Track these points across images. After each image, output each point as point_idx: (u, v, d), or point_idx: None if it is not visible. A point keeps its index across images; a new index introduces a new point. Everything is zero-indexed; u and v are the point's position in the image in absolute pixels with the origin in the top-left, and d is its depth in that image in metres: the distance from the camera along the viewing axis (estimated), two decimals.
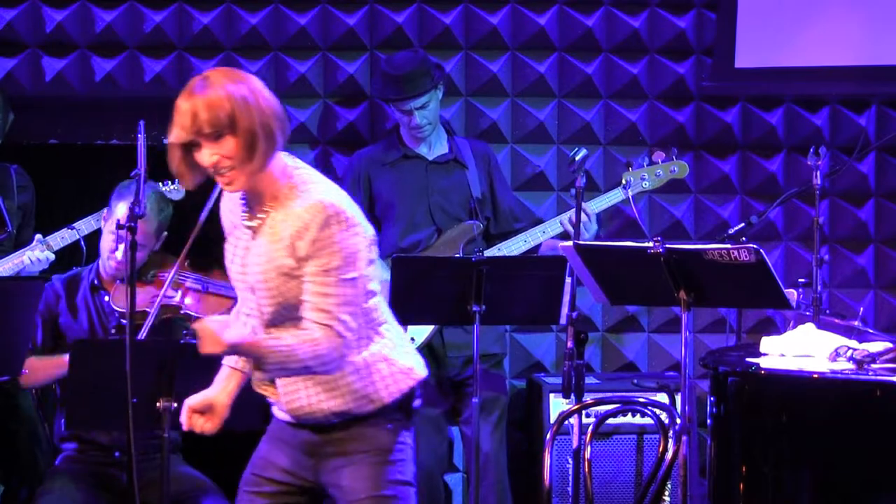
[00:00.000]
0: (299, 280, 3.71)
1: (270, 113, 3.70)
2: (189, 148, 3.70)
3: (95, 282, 5.31)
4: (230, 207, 3.90)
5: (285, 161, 3.78)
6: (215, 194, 4.91)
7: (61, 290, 5.32)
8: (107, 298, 5.25)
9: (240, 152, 3.66)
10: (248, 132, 3.65)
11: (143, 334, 4.85)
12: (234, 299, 5.20)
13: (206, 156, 3.68)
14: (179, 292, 5.24)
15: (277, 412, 3.99)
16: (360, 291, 3.74)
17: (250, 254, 3.78)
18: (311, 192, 3.74)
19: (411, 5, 6.46)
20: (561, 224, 5.81)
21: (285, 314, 3.75)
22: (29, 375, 5.13)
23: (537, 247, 5.88)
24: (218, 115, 3.63)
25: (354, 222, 3.71)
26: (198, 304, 5.26)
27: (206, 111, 3.64)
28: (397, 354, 3.89)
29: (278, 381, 3.86)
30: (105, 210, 5.35)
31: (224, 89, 3.66)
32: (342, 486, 3.86)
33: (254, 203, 3.79)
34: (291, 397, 3.86)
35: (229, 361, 3.99)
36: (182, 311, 5.24)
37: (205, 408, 3.93)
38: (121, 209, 5.16)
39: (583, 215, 5.70)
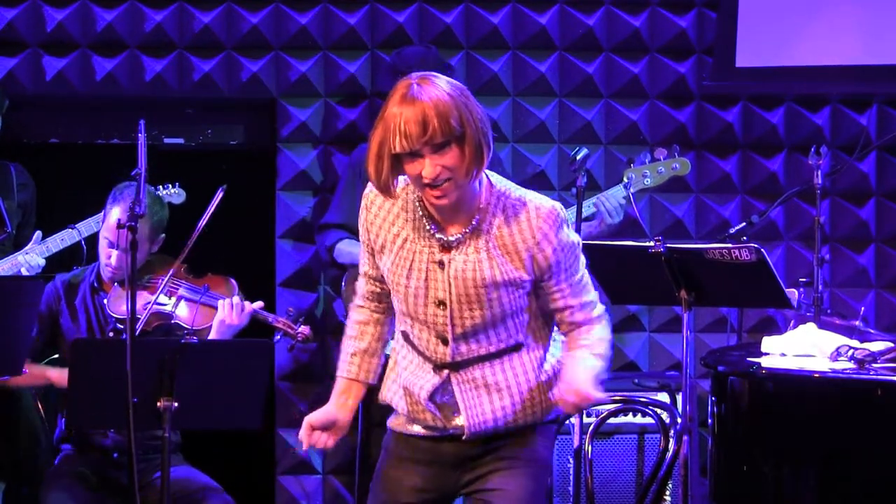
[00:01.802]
0: (520, 288, 3.57)
1: (485, 117, 3.47)
2: (400, 158, 3.45)
3: (95, 283, 5.31)
4: (384, 217, 3.63)
5: (486, 173, 3.56)
6: (215, 202, 4.90)
7: (62, 290, 5.31)
8: (105, 301, 5.24)
9: (463, 163, 3.41)
10: (474, 141, 3.41)
11: None
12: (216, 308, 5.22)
13: (429, 168, 3.41)
14: (172, 300, 5.23)
15: (408, 426, 3.75)
16: None
17: (451, 267, 3.55)
18: (531, 199, 3.57)
19: (412, 5, 6.46)
20: (595, 206, 5.75)
21: (488, 325, 3.59)
22: (14, 378, 5.13)
23: None
24: (450, 122, 3.38)
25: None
26: (189, 316, 5.23)
27: (437, 119, 3.37)
28: None
29: (462, 402, 3.65)
30: (96, 214, 5.34)
31: (448, 95, 3.41)
32: (491, 490, 3.67)
33: (449, 214, 3.55)
34: (476, 416, 3.65)
35: (348, 373, 3.79)
36: (173, 321, 5.22)
37: (327, 424, 3.75)
38: (114, 214, 5.15)
39: (613, 201, 5.70)
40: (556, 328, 3.75)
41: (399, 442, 3.78)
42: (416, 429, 3.75)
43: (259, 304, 5.27)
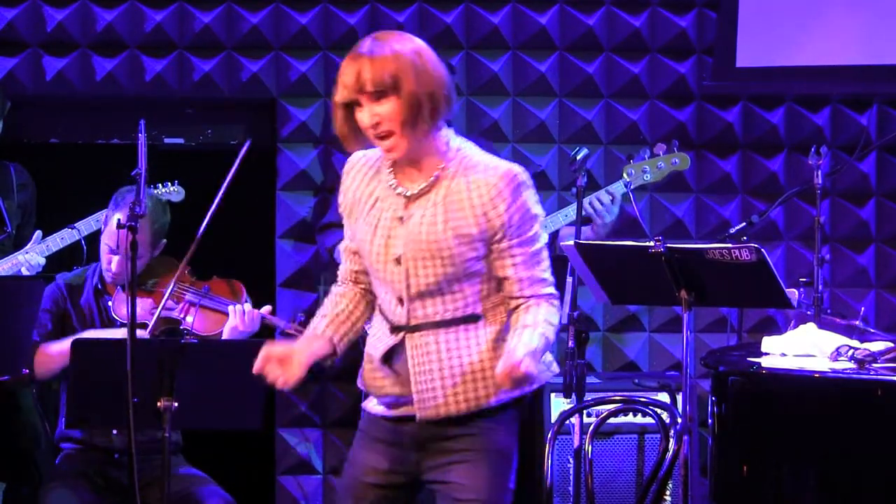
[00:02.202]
0: (473, 247, 3.64)
1: (438, 79, 3.63)
2: (351, 109, 3.63)
3: (99, 286, 5.30)
4: (360, 179, 3.77)
5: (450, 135, 3.71)
6: (215, 204, 4.91)
7: (65, 290, 5.31)
8: (110, 303, 5.24)
9: (401, 115, 3.58)
10: (412, 95, 3.58)
11: None
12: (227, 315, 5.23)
13: (367, 116, 3.60)
14: (179, 305, 5.23)
15: (374, 406, 3.82)
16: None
17: (410, 222, 3.67)
18: (492, 161, 3.70)
19: (412, 5, 6.46)
20: (584, 210, 5.74)
21: (443, 285, 3.67)
22: (44, 363, 5.11)
23: (554, 234, 5.85)
24: (382, 74, 3.56)
25: (532, 186, 3.72)
26: (198, 321, 5.25)
27: (371, 70, 3.57)
28: None
29: (412, 367, 3.71)
30: (104, 216, 5.34)
31: (391, 49, 3.60)
32: (453, 483, 3.71)
33: (411, 170, 3.69)
34: (425, 386, 3.70)
35: (314, 329, 3.84)
36: (181, 327, 5.23)
37: (284, 358, 3.73)
38: (115, 220, 5.14)
39: (605, 196, 5.71)
40: None
41: (368, 422, 3.86)
42: (380, 409, 3.81)
43: (267, 308, 5.28)
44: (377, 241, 3.71)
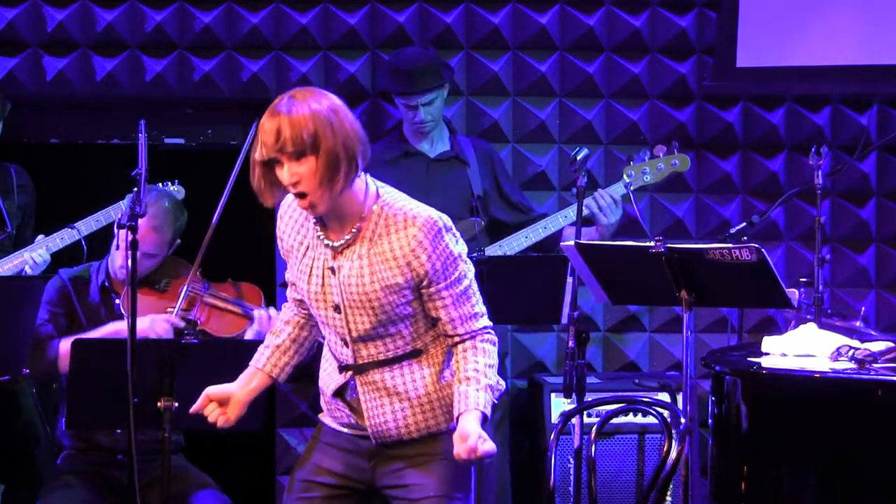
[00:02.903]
0: (401, 295, 3.75)
1: (353, 135, 3.70)
2: (271, 165, 3.70)
3: (106, 283, 5.29)
4: (292, 226, 3.91)
5: (367, 181, 3.79)
6: (222, 203, 4.92)
7: (70, 286, 5.29)
8: (117, 301, 5.23)
9: (321, 173, 3.65)
10: (331, 153, 3.65)
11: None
12: (250, 318, 5.24)
13: (287, 175, 3.67)
14: (195, 307, 5.25)
15: (334, 423, 3.99)
16: None
17: (340, 273, 3.78)
18: (411, 210, 3.78)
19: (412, 5, 6.45)
20: (587, 207, 5.74)
21: (381, 330, 3.80)
22: (63, 361, 5.10)
23: (538, 245, 5.87)
24: (301, 134, 3.64)
25: (452, 228, 3.81)
26: (216, 323, 5.27)
27: (290, 129, 3.64)
28: None
29: (364, 403, 3.87)
30: (112, 213, 5.34)
31: (308, 108, 3.66)
32: (407, 485, 3.85)
33: (334, 223, 3.80)
34: (378, 420, 3.86)
35: (257, 363, 4.03)
36: (199, 328, 5.23)
37: (223, 399, 3.95)
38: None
39: (608, 197, 5.72)
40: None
41: (325, 432, 4.00)
42: (335, 424, 3.98)
43: None
44: (313, 288, 3.84)
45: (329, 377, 3.96)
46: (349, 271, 3.76)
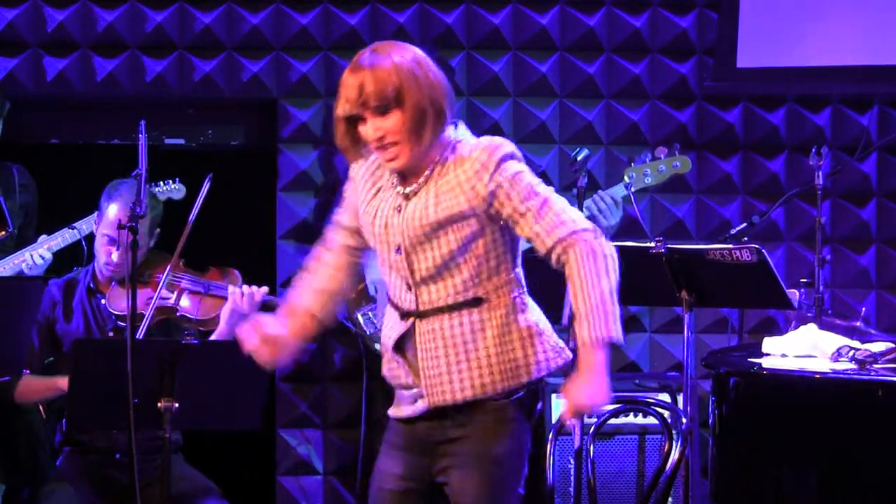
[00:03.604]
0: (466, 226, 3.65)
1: (439, 87, 3.63)
2: (354, 122, 3.64)
3: (91, 285, 5.29)
4: (363, 174, 3.80)
5: (451, 132, 3.71)
6: (202, 195, 4.91)
7: (58, 295, 5.29)
8: (103, 301, 5.23)
9: (406, 128, 3.59)
10: (417, 106, 3.59)
11: (140, 335, 4.84)
12: (225, 299, 5.21)
13: (371, 130, 3.61)
14: (175, 293, 5.22)
15: (394, 410, 3.86)
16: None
17: (406, 211, 3.69)
18: (476, 140, 3.69)
19: (413, 5, 6.45)
20: (587, 208, 5.75)
21: (443, 270, 3.69)
22: (23, 392, 5.15)
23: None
24: (385, 88, 3.57)
25: (517, 153, 3.70)
26: (194, 307, 5.24)
27: (373, 84, 3.57)
28: (548, 326, 3.84)
29: (420, 353, 3.73)
30: (96, 212, 5.33)
31: (391, 61, 3.59)
32: (452, 486, 3.76)
33: (411, 172, 3.71)
34: (433, 372, 3.72)
35: (308, 306, 3.89)
36: (178, 314, 5.22)
37: (275, 340, 3.80)
38: (112, 210, 5.14)
39: (608, 199, 5.72)
40: (522, 289, 3.80)
41: (391, 429, 3.89)
42: (397, 410, 3.84)
43: (265, 289, 5.25)
44: (376, 229, 3.75)
45: (391, 329, 3.81)
46: (414, 208, 3.68)
